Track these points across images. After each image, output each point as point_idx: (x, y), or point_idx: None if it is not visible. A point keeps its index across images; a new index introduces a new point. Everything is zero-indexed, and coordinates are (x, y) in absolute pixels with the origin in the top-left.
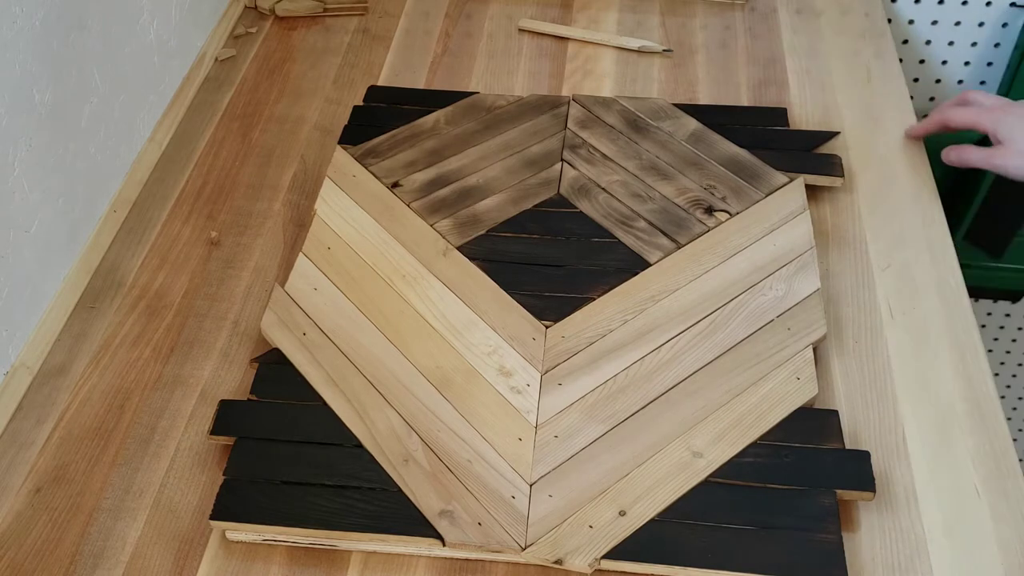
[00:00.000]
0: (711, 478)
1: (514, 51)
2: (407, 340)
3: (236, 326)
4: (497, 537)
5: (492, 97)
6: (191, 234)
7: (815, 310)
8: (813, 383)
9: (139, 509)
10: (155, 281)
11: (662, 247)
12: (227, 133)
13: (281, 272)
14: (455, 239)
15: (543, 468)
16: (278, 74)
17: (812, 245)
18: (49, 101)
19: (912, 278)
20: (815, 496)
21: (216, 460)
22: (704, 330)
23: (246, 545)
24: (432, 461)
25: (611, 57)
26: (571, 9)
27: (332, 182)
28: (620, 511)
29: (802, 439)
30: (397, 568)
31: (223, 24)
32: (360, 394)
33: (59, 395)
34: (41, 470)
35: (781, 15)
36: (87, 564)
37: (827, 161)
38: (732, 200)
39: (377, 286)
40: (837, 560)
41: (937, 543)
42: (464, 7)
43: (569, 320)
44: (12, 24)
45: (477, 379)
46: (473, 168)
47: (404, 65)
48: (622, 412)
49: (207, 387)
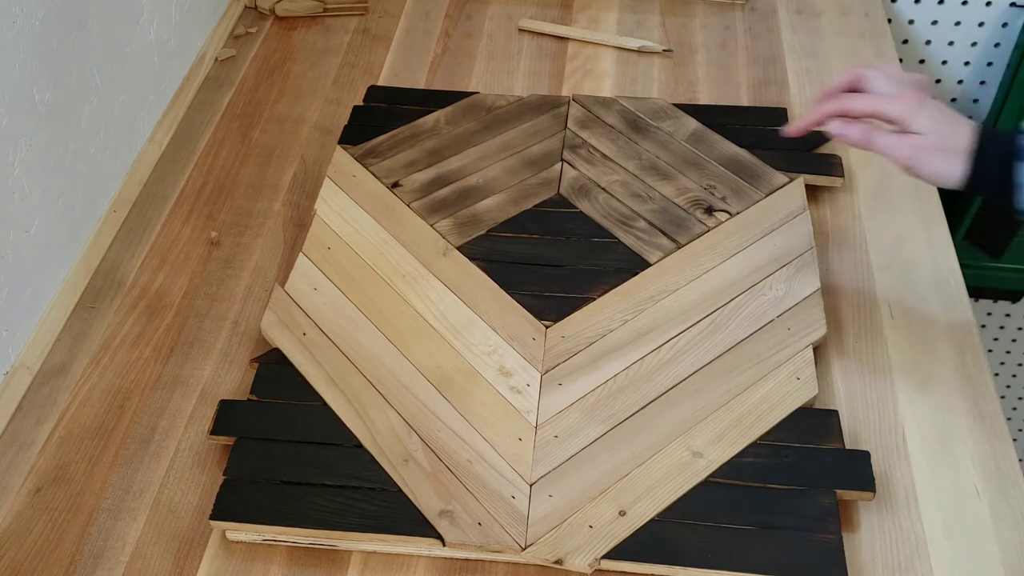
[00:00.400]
0: (711, 478)
1: (514, 51)
2: (407, 340)
3: (236, 326)
4: (497, 537)
5: (492, 97)
6: (191, 234)
7: (815, 310)
8: (813, 383)
9: (139, 509)
10: (155, 281)
11: (662, 247)
12: (227, 133)
13: (281, 272)
14: (455, 239)
15: (543, 468)
16: (278, 74)
17: (812, 245)
18: (49, 101)
19: (912, 278)
20: (815, 496)
21: (216, 460)
22: (704, 330)
23: (246, 545)
24: (432, 461)
25: (611, 57)
26: (571, 9)
27: (332, 182)
28: (620, 511)
29: (802, 439)
30: (397, 568)
31: (223, 24)
32: (360, 394)
33: (59, 395)
34: (41, 470)
35: (781, 15)
36: (87, 564)
37: (827, 161)
38: (732, 200)
39: (377, 286)
40: (837, 560)
41: (937, 543)
42: (464, 7)
43: (569, 320)
44: (12, 24)
45: (477, 379)
46: (473, 168)
47: (404, 65)
48: (622, 412)
49: (207, 387)
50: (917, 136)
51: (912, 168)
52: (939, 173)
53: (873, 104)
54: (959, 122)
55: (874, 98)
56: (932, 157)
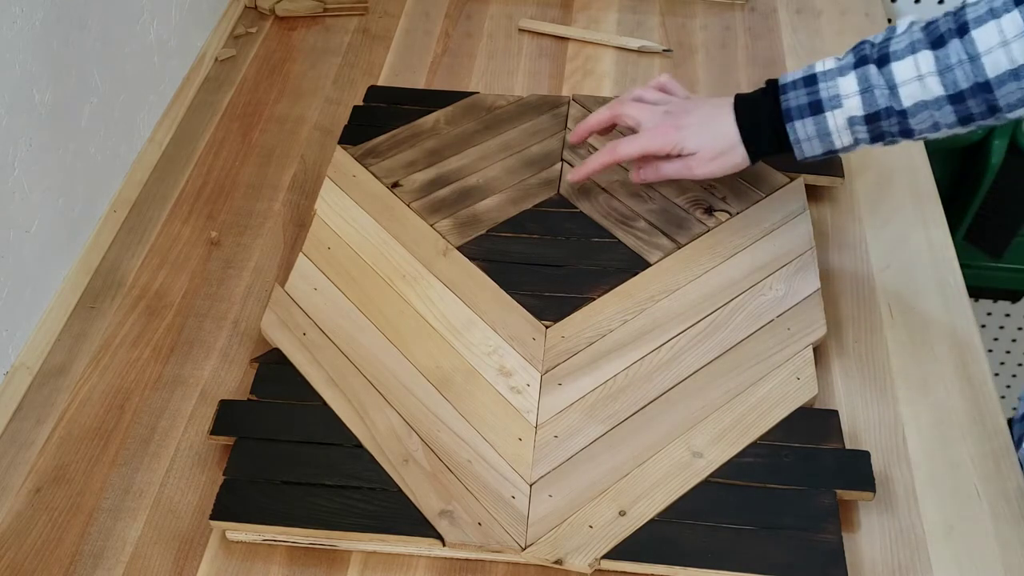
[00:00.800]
0: (711, 478)
1: (514, 51)
2: (407, 340)
3: (236, 326)
4: (497, 537)
5: (492, 97)
6: (191, 234)
7: (815, 310)
8: (813, 383)
9: (139, 509)
10: (155, 281)
11: (662, 247)
12: (227, 133)
13: (281, 272)
14: (455, 239)
15: (543, 468)
16: (278, 74)
17: (812, 245)
18: (49, 101)
19: (912, 278)
20: (815, 496)
21: (216, 460)
22: (704, 330)
23: (246, 545)
24: (432, 461)
25: (611, 57)
26: (571, 9)
27: (332, 182)
28: (620, 511)
29: (802, 439)
30: (397, 568)
31: (223, 24)
32: (360, 394)
33: (59, 395)
34: (41, 470)
35: (781, 15)
36: (87, 564)
37: (827, 161)
38: (732, 200)
39: (377, 286)
40: (837, 560)
41: (937, 543)
42: (464, 7)
43: (569, 320)
44: (12, 24)
45: (477, 379)
46: (473, 168)
47: (404, 65)
48: (622, 412)
49: (207, 387)
50: (691, 157)
51: (706, 179)
52: (726, 170)
53: (642, 146)
54: (719, 117)
55: (640, 141)
56: (714, 164)
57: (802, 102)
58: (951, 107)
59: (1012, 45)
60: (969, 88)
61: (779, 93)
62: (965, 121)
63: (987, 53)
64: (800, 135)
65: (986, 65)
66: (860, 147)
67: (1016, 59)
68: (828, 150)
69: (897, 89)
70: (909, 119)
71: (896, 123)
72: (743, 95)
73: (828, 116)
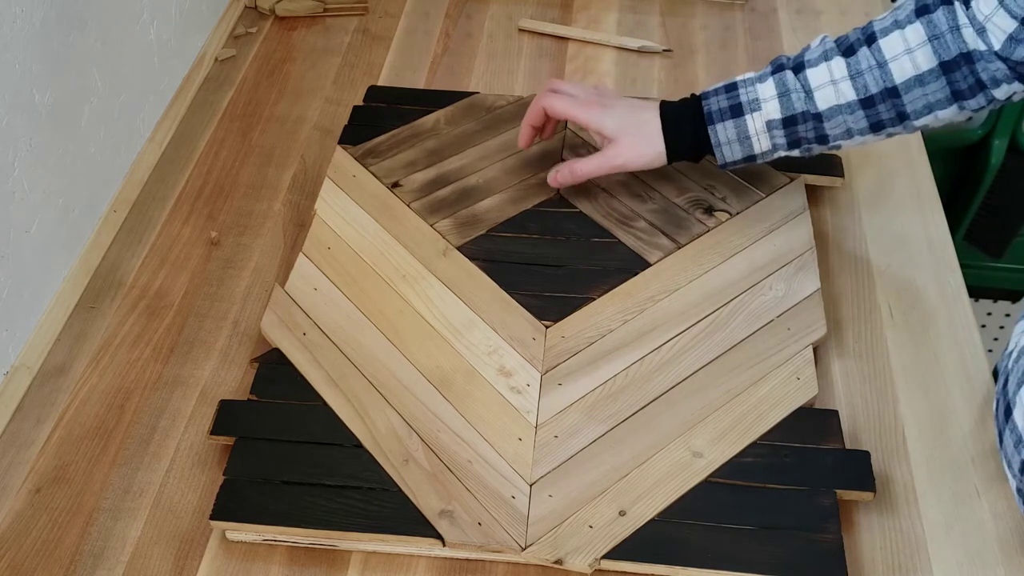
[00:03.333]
0: (711, 478)
1: (514, 51)
2: (407, 340)
3: (236, 326)
4: (497, 537)
5: (492, 97)
6: (191, 234)
7: (815, 310)
8: (813, 383)
9: (139, 509)
10: (155, 281)
11: (662, 247)
12: (227, 133)
13: (281, 272)
14: (455, 239)
15: (543, 468)
16: (278, 74)
17: (812, 245)
18: (49, 101)
19: (912, 278)
20: (815, 496)
21: (216, 460)
22: (704, 330)
23: (246, 545)
24: (432, 461)
25: (611, 57)
26: (571, 9)
27: (332, 182)
28: (620, 511)
29: (802, 439)
30: (397, 568)
31: (223, 24)
32: (360, 394)
33: (59, 395)
34: (41, 470)
35: (781, 15)
36: (87, 564)
37: (827, 161)
38: (732, 200)
39: (377, 286)
40: (837, 560)
41: (937, 543)
42: (464, 7)
43: (569, 320)
44: (12, 24)
45: (477, 379)
46: (473, 168)
47: (404, 65)
48: (622, 412)
49: (207, 387)
50: (608, 147)
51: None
52: (642, 163)
53: (567, 109)
54: (644, 109)
55: (568, 103)
56: (630, 152)
57: (723, 105)
58: (863, 112)
59: (916, 53)
60: (879, 92)
61: (701, 99)
62: (876, 128)
63: (893, 60)
64: (721, 138)
65: (893, 71)
66: (778, 153)
67: (920, 66)
68: (748, 155)
69: (812, 93)
70: (824, 123)
71: (812, 128)
72: (668, 101)
73: (748, 119)
